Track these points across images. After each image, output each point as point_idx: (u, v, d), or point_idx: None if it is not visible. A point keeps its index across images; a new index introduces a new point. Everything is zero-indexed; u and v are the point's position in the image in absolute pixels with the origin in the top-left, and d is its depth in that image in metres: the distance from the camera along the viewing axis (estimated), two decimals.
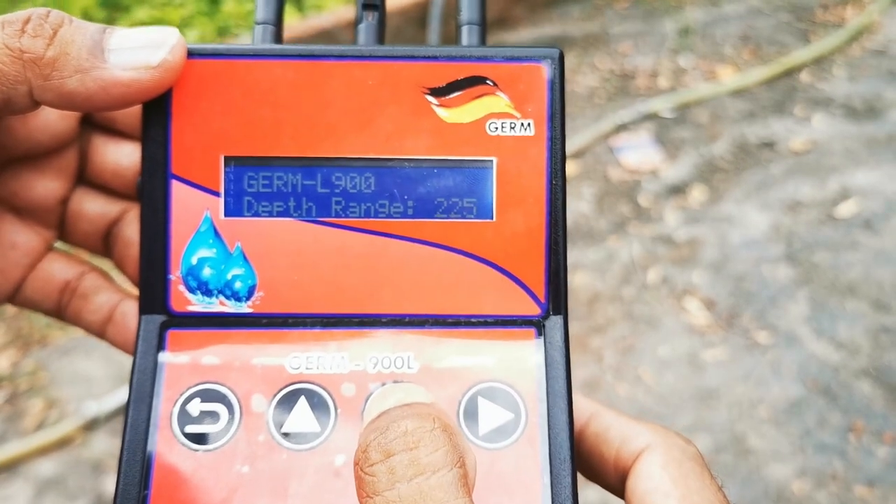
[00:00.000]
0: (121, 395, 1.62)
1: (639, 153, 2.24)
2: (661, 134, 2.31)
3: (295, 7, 2.58)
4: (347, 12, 2.50)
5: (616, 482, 0.34)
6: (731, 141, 2.26)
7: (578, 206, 2.07)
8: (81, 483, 1.50)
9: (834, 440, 1.49)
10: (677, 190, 2.11)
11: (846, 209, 1.98)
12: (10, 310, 1.84)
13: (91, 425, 1.58)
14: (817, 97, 2.40)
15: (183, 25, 2.49)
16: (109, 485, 1.49)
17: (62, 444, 1.56)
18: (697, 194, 2.09)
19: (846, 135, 2.24)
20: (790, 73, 2.53)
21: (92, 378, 1.69)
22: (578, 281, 1.85)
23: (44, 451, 1.54)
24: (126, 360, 1.38)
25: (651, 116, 2.37)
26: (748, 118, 2.35)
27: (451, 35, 0.37)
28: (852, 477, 1.43)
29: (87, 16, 2.41)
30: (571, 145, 2.24)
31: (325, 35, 2.41)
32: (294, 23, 2.46)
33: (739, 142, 2.26)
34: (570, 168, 2.19)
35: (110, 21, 2.47)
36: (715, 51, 2.68)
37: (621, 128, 2.32)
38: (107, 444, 1.56)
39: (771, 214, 1.99)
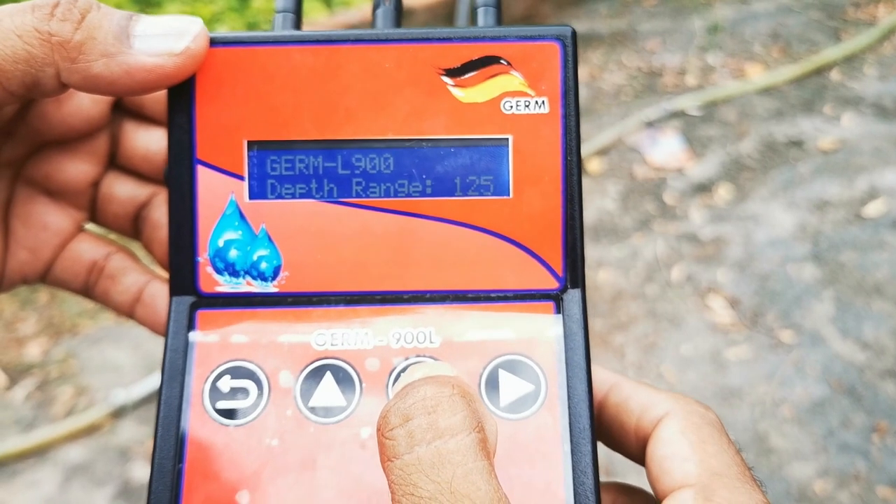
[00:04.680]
0: (148, 384, 1.64)
1: (665, 151, 2.23)
2: (688, 132, 2.29)
3: (323, 2, 2.60)
4: None
5: (637, 450, 0.34)
6: (759, 139, 2.25)
7: (603, 203, 2.06)
8: (109, 469, 1.53)
9: (857, 440, 1.48)
10: (703, 188, 2.10)
11: (874, 209, 1.96)
12: (42, 299, 1.88)
13: (119, 412, 1.61)
14: (847, 96, 2.38)
15: (213, 21, 2.52)
16: (136, 471, 1.52)
17: (91, 430, 1.59)
18: (723, 192, 2.07)
19: (876, 134, 2.21)
20: (820, 71, 2.50)
21: (120, 366, 1.72)
22: (602, 278, 1.85)
23: (73, 437, 1.57)
24: (154, 349, 1.40)
25: (678, 114, 2.36)
26: (776, 117, 2.33)
27: None
28: (875, 477, 1.42)
29: None
30: (597, 142, 2.24)
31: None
32: (322, 18, 2.48)
33: (767, 140, 2.24)
34: (596, 165, 2.19)
35: None
36: (744, 48, 2.65)
37: (648, 125, 2.31)
38: (134, 432, 1.58)
39: (798, 213, 1.98)
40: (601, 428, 0.36)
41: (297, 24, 0.37)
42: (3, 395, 1.67)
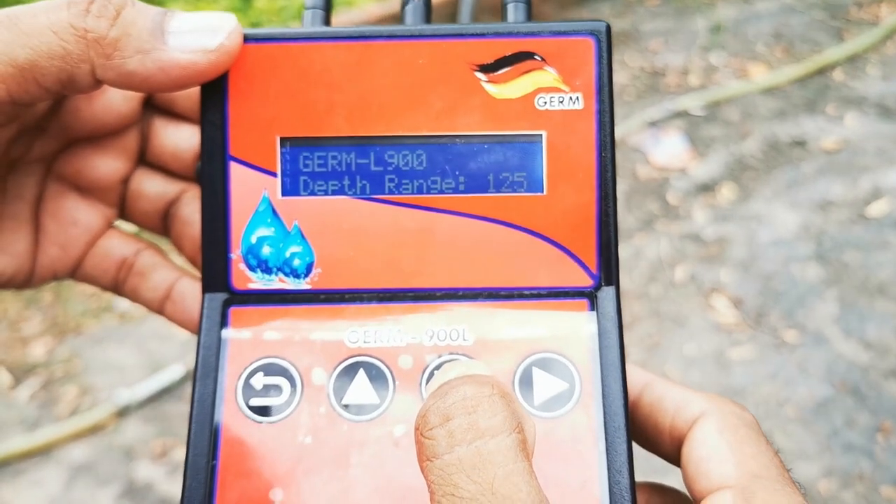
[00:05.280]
0: (152, 383, 1.65)
1: (668, 151, 2.23)
2: (691, 132, 2.29)
3: None
4: (377, 9, 2.52)
5: (672, 450, 0.34)
6: (762, 139, 2.25)
7: None
8: (113, 468, 1.53)
9: (861, 440, 1.48)
10: (706, 188, 2.10)
11: (877, 209, 1.96)
12: (47, 298, 1.88)
13: (123, 412, 1.61)
14: (850, 96, 2.38)
15: None
16: (140, 471, 1.52)
17: (95, 430, 1.59)
18: (727, 192, 2.07)
19: (879, 134, 2.21)
20: (823, 71, 2.50)
21: (124, 366, 1.72)
22: None
23: (77, 436, 1.57)
24: (158, 349, 1.40)
25: (681, 114, 2.36)
26: (779, 116, 2.33)
27: None
28: (879, 477, 1.42)
29: None
30: None
31: None
32: None
33: (770, 140, 2.24)
34: None
35: None
36: (747, 48, 2.65)
37: (651, 125, 2.31)
38: (138, 431, 1.58)
39: (801, 213, 1.98)
40: (634, 427, 0.35)
41: (327, 20, 0.37)
42: (8, 394, 1.67)
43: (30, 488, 1.49)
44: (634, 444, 0.34)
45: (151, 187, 0.39)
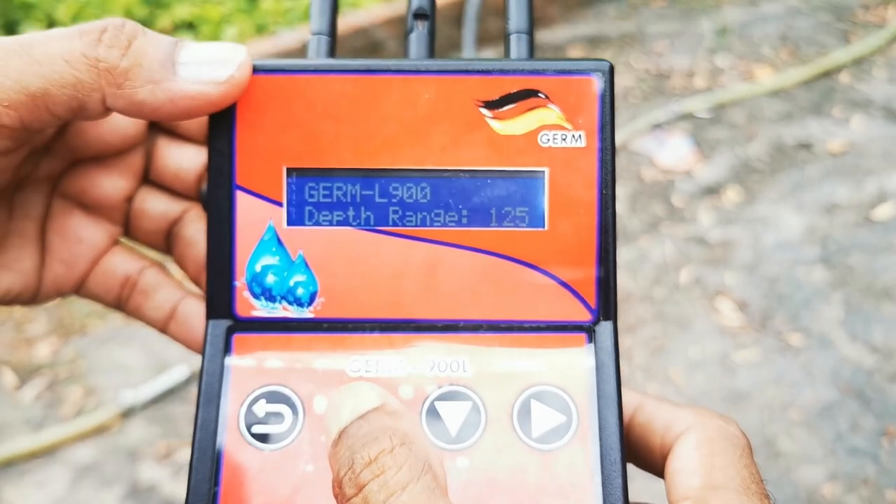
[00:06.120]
0: (157, 385, 1.65)
1: (673, 153, 2.23)
2: (697, 134, 2.29)
3: None
4: (383, 10, 2.52)
5: (664, 468, 0.34)
6: (768, 142, 2.24)
7: None
8: (117, 469, 1.53)
9: (866, 444, 1.48)
10: (711, 190, 2.10)
11: (883, 212, 1.96)
12: None
13: (127, 413, 1.62)
14: (856, 98, 2.37)
15: (222, 22, 2.53)
16: (144, 472, 1.52)
17: (99, 430, 1.59)
18: (732, 195, 2.07)
19: (885, 136, 2.21)
20: (829, 73, 2.50)
21: (129, 367, 1.72)
22: None
23: (82, 437, 1.58)
24: (163, 351, 1.40)
25: (686, 116, 2.35)
26: (785, 119, 2.32)
27: (486, 35, 0.38)
28: (884, 481, 1.42)
29: (128, 13, 2.45)
30: None
31: (361, 33, 2.43)
32: None
33: (776, 143, 2.24)
34: None
35: (150, 17, 2.51)
36: (753, 51, 2.65)
37: (656, 127, 2.31)
38: (142, 432, 1.59)
39: (806, 216, 1.97)
40: (629, 448, 0.36)
41: (332, 46, 0.37)
42: (13, 395, 1.68)
43: (34, 489, 1.50)
44: (632, 466, 0.35)
45: (155, 206, 0.39)
